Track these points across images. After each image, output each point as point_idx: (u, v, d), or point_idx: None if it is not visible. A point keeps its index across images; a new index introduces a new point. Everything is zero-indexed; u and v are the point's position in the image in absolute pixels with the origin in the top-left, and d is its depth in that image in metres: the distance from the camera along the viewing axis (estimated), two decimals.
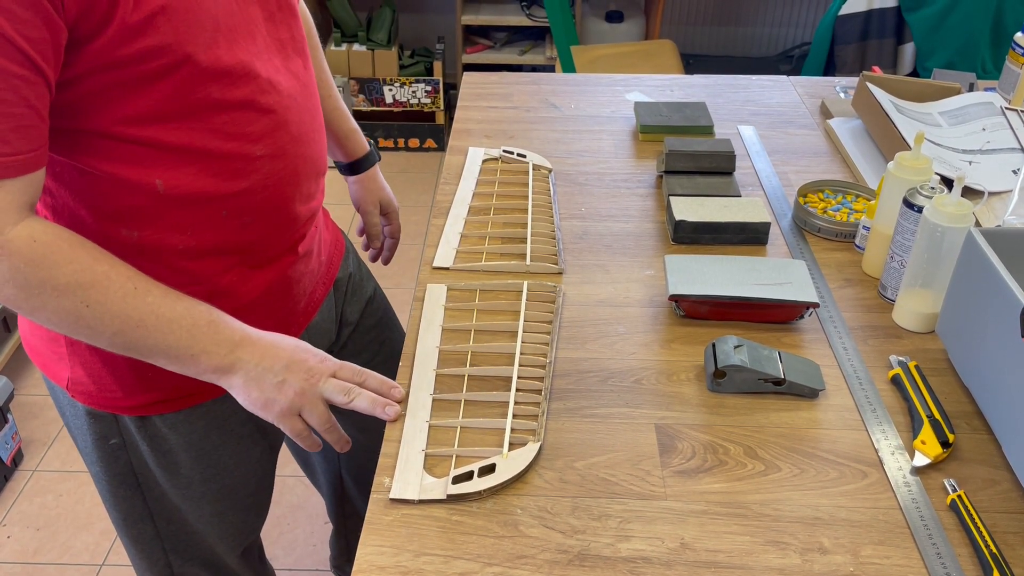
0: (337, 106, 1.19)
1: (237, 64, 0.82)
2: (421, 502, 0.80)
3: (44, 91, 0.72)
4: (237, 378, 0.83)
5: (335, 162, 1.25)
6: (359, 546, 0.76)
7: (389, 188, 1.30)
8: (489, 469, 0.82)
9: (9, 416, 2.00)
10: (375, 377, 0.89)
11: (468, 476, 0.82)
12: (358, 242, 1.35)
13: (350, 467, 1.34)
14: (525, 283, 1.07)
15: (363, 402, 0.85)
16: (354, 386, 0.86)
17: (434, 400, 0.91)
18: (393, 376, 0.92)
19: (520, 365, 0.95)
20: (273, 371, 0.83)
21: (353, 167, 1.24)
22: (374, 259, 1.35)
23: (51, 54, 0.71)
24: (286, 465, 1.64)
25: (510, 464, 0.83)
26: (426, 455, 0.85)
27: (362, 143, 1.23)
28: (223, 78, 0.81)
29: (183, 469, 0.98)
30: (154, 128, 0.79)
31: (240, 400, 0.84)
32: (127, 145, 0.79)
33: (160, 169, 0.81)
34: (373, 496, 0.81)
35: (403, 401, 0.90)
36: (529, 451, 0.85)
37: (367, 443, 1.28)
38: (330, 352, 1.13)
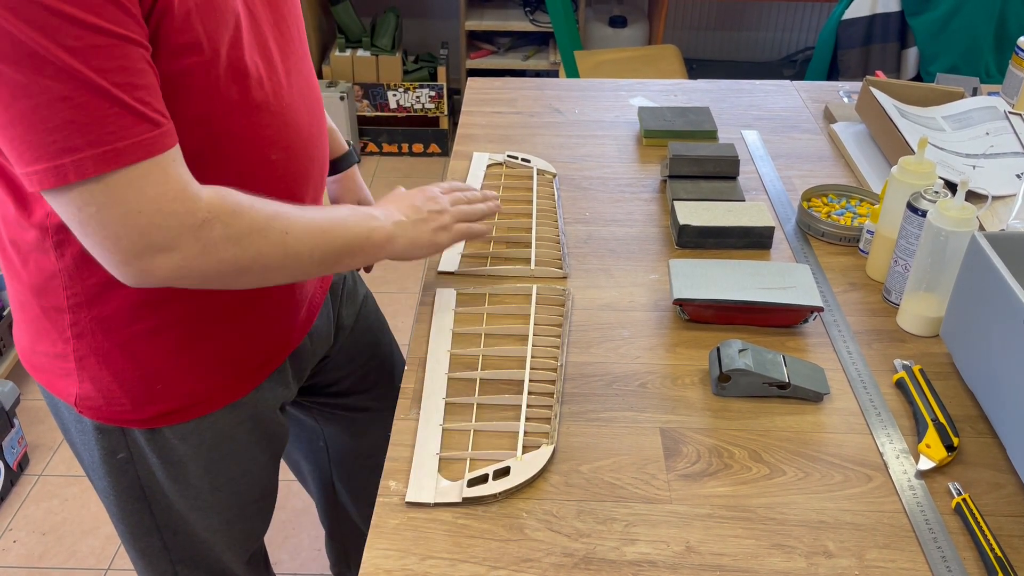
0: None
1: (254, 65, 0.81)
2: (436, 505, 0.80)
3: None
4: (399, 230, 0.93)
5: None
6: (365, 549, 0.77)
7: (368, 189, 1.26)
8: (504, 472, 0.83)
9: (15, 421, 2.01)
10: (471, 194, 1.05)
11: (483, 479, 0.82)
12: None
13: (340, 474, 1.34)
14: (534, 287, 1.07)
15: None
16: (455, 224, 1.01)
17: (447, 404, 0.91)
18: (393, 382, 0.92)
19: (532, 368, 0.95)
20: (412, 212, 0.97)
21: (333, 166, 1.21)
22: None
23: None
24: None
25: (524, 467, 0.83)
26: (440, 458, 0.85)
27: (341, 142, 1.21)
28: (243, 80, 0.80)
29: (192, 480, 0.98)
30: (178, 133, 0.77)
31: (404, 252, 0.95)
32: None
33: None
34: (379, 500, 0.81)
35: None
36: (543, 454, 0.85)
37: (360, 449, 1.28)
38: (326, 356, 1.14)
